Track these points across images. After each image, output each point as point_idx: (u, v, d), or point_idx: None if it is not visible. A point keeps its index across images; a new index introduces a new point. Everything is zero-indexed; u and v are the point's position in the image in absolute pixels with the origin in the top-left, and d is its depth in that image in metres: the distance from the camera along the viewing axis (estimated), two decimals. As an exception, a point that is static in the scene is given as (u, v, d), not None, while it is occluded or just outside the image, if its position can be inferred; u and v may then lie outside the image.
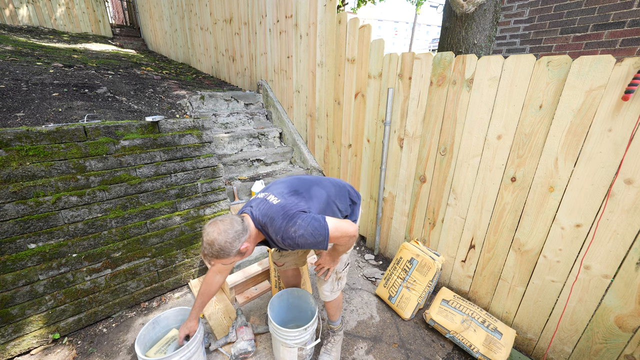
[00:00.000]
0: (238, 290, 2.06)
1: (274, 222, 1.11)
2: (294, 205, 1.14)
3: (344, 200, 1.41)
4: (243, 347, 1.60)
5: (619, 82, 1.23)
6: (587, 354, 1.51)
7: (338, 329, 1.68)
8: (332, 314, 1.62)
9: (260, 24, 3.23)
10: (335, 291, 1.51)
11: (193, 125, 2.08)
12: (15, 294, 1.55)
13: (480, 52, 2.25)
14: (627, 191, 1.27)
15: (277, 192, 1.23)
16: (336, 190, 1.40)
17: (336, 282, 1.50)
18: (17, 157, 1.49)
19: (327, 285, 1.49)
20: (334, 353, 1.64)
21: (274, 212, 1.13)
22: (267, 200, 1.19)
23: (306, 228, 1.07)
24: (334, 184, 1.43)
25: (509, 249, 1.72)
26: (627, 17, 2.51)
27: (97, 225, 1.77)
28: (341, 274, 1.50)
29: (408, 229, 2.31)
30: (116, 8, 8.73)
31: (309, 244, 1.09)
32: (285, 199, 1.17)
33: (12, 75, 2.61)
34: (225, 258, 1.09)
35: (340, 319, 1.68)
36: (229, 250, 1.07)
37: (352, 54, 2.32)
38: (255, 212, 1.18)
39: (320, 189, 1.32)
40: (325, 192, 1.33)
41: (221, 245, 1.06)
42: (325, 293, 1.51)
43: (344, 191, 1.43)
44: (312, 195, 1.25)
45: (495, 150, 1.68)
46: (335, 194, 1.37)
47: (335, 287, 1.50)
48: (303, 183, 1.33)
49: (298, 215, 1.09)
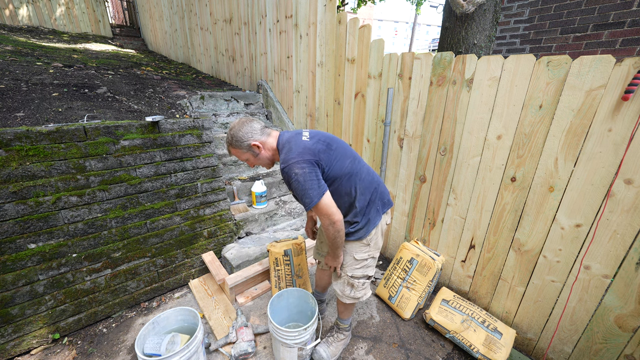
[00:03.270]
0: (238, 290, 2.06)
1: (289, 152, 1.18)
2: (315, 154, 1.17)
3: (366, 193, 1.31)
4: (243, 349, 1.60)
5: (618, 82, 1.23)
6: (587, 354, 1.51)
7: (344, 329, 1.67)
8: (341, 311, 1.62)
9: (260, 24, 3.23)
10: (347, 295, 1.47)
11: (193, 125, 2.08)
12: (15, 294, 1.55)
13: (480, 52, 2.25)
14: (627, 191, 1.27)
15: (313, 134, 1.26)
16: (365, 177, 1.32)
17: (348, 286, 1.46)
18: (17, 157, 1.49)
19: (337, 285, 1.50)
20: (333, 348, 1.63)
21: (295, 144, 1.19)
22: (301, 134, 1.25)
23: (305, 180, 1.12)
24: (368, 172, 1.35)
25: (509, 249, 1.72)
26: (627, 17, 2.51)
27: (97, 225, 1.77)
28: (355, 282, 1.44)
29: (408, 229, 2.31)
30: (116, 8, 8.72)
31: (295, 192, 1.17)
32: (314, 143, 1.20)
33: (12, 75, 2.61)
34: (237, 148, 1.27)
35: (350, 321, 1.67)
36: (240, 140, 1.25)
37: (352, 54, 2.32)
38: (284, 136, 1.28)
39: (350, 163, 1.28)
40: (351, 168, 1.28)
41: (234, 134, 1.25)
42: (337, 292, 1.51)
43: (373, 185, 1.34)
44: (338, 158, 1.25)
45: (495, 150, 1.68)
46: (363, 181, 1.30)
47: (346, 290, 1.47)
48: (341, 146, 1.30)
49: (309, 165, 1.14)
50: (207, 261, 2.19)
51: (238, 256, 2.20)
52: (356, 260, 1.41)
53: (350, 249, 1.41)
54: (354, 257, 1.41)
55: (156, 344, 1.46)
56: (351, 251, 1.41)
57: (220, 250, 2.34)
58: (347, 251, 1.41)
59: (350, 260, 1.42)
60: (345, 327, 1.67)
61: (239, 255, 2.21)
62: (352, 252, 1.41)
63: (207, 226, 2.25)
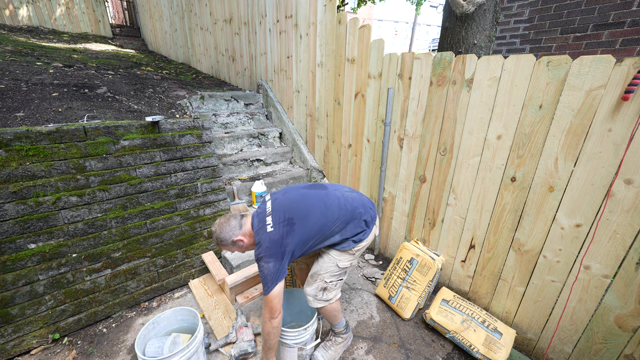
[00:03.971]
0: (238, 290, 2.06)
1: (259, 247, 1.33)
2: (279, 245, 1.29)
3: (351, 227, 1.41)
4: (243, 348, 1.60)
5: (618, 82, 1.23)
6: (587, 354, 1.51)
7: (340, 332, 1.64)
8: (327, 317, 1.57)
9: (260, 24, 3.23)
10: (319, 299, 1.47)
11: (193, 125, 2.08)
12: (15, 294, 1.55)
13: (480, 52, 2.25)
14: (627, 191, 1.27)
15: (276, 215, 1.35)
16: (342, 215, 1.39)
17: (320, 291, 1.46)
18: (17, 157, 1.49)
19: (310, 289, 1.47)
20: (331, 352, 1.62)
21: (262, 239, 1.32)
22: (265, 222, 1.35)
23: (267, 274, 1.27)
24: (343, 208, 1.40)
25: (509, 249, 1.72)
26: (627, 17, 2.51)
27: (97, 225, 1.77)
28: (327, 285, 1.46)
29: (408, 228, 2.31)
30: (116, 8, 8.72)
31: (261, 279, 1.31)
32: (277, 230, 1.31)
33: (12, 75, 2.61)
34: (224, 245, 1.41)
35: (344, 323, 1.64)
36: (225, 240, 1.39)
37: (352, 54, 2.32)
38: (254, 222, 1.41)
39: (319, 218, 1.36)
40: (322, 221, 1.36)
41: (218, 236, 1.40)
42: (309, 297, 1.48)
43: (355, 215, 1.41)
44: (304, 227, 1.33)
45: (495, 150, 1.68)
46: (338, 220, 1.38)
47: (319, 294, 1.46)
48: (304, 207, 1.38)
49: (273, 259, 1.28)
50: (207, 261, 2.19)
51: (238, 256, 2.20)
52: (339, 268, 1.46)
53: (336, 257, 1.44)
54: (337, 265, 1.44)
55: (158, 347, 1.46)
56: (335, 259, 1.44)
57: (220, 250, 2.34)
58: (331, 259, 1.44)
59: (332, 268, 1.44)
60: (340, 331, 1.64)
61: (239, 255, 2.21)
62: (336, 260, 1.44)
63: (207, 226, 2.25)
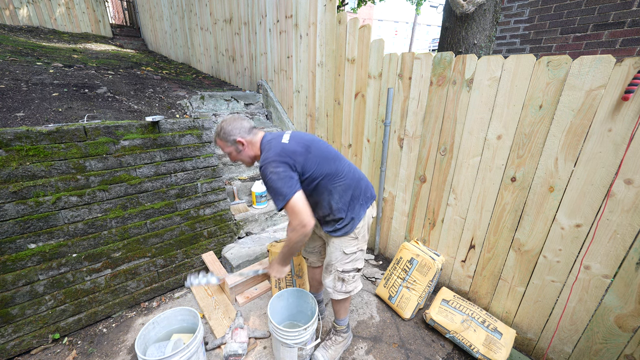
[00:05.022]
0: (238, 290, 2.06)
1: (267, 152, 1.26)
2: (291, 156, 1.23)
3: (348, 190, 1.34)
4: (233, 349, 1.59)
5: (619, 82, 1.23)
6: (587, 354, 1.51)
7: (342, 330, 1.66)
8: (336, 311, 1.61)
9: (260, 24, 3.23)
10: (339, 291, 1.48)
11: (193, 125, 2.08)
12: (15, 294, 1.55)
13: (480, 52, 2.25)
14: (627, 191, 1.27)
15: (294, 136, 1.33)
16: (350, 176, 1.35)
17: (339, 281, 1.47)
18: (17, 157, 1.49)
19: (328, 281, 1.50)
20: (331, 351, 1.62)
21: (274, 146, 1.26)
22: (281, 136, 1.33)
23: (278, 179, 1.18)
24: (349, 169, 1.37)
25: (509, 249, 1.72)
26: (627, 17, 2.51)
27: (97, 225, 1.77)
28: (345, 276, 1.46)
29: (408, 229, 2.31)
30: (116, 8, 8.72)
31: (269, 191, 1.23)
32: (292, 145, 1.27)
33: (12, 75, 2.61)
34: (222, 140, 1.36)
35: (347, 321, 1.66)
36: (227, 134, 1.33)
37: (352, 54, 2.32)
38: (266, 137, 1.36)
39: (331, 163, 1.31)
40: (334, 167, 1.32)
41: (224, 127, 1.34)
42: (328, 289, 1.51)
43: (354, 182, 1.37)
44: (318, 160, 1.29)
45: (495, 150, 1.68)
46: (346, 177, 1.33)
47: (337, 286, 1.48)
48: (321, 147, 1.34)
49: (284, 165, 1.21)
50: (207, 261, 2.19)
51: (238, 256, 2.20)
52: (346, 255, 1.44)
53: (340, 245, 1.42)
54: (343, 252, 1.43)
55: (159, 349, 1.46)
56: (340, 246, 1.43)
57: (220, 250, 2.34)
58: (336, 247, 1.43)
59: (340, 256, 1.44)
60: (342, 329, 1.66)
61: (239, 255, 2.21)
62: (341, 247, 1.42)
63: (207, 226, 2.25)
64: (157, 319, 1.53)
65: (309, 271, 1.83)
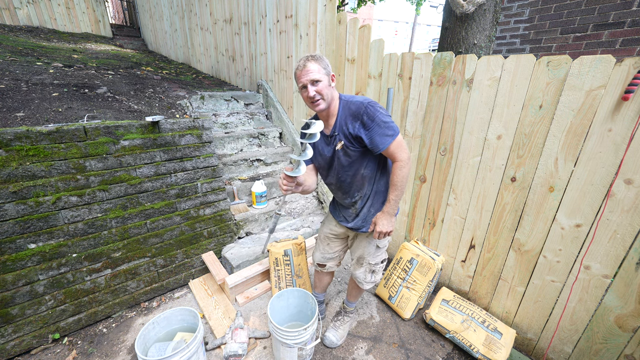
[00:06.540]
0: (238, 290, 2.06)
1: (358, 100, 1.22)
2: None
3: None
4: (233, 349, 1.59)
5: (619, 82, 1.23)
6: (587, 354, 1.51)
7: (350, 311, 1.81)
8: (353, 295, 1.73)
9: (260, 24, 3.23)
10: (368, 282, 1.57)
11: (193, 125, 2.08)
12: (15, 294, 1.55)
13: (480, 52, 2.25)
14: (627, 191, 1.27)
15: None
16: None
17: (369, 274, 1.56)
18: (17, 157, 1.49)
19: (359, 273, 1.56)
20: (341, 331, 1.75)
21: (362, 98, 1.24)
22: None
23: (387, 115, 1.19)
24: None
25: (509, 249, 1.72)
26: (627, 17, 2.51)
27: (97, 225, 1.77)
28: (376, 268, 1.55)
29: (408, 228, 2.31)
30: (116, 8, 8.72)
31: (376, 125, 1.17)
32: None
33: (12, 75, 2.61)
34: (320, 65, 1.19)
35: (355, 304, 1.81)
36: (327, 64, 1.22)
37: (352, 54, 2.32)
38: (343, 95, 1.31)
39: None
40: None
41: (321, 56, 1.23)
42: (359, 280, 1.58)
43: None
44: None
45: (495, 150, 1.68)
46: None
47: (368, 277, 1.56)
48: None
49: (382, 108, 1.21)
50: (207, 261, 2.19)
51: (238, 256, 2.20)
52: (379, 248, 1.51)
53: (374, 239, 1.47)
54: (377, 246, 1.50)
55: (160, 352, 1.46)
56: (375, 240, 1.48)
57: (220, 250, 2.34)
58: (371, 241, 1.49)
59: (373, 250, 1.51)
60: (351, 310, 1.81)
61: (239, 255, 2.21)
62: (376, 241, 1.48)
63: (207, 226, 2.25)
64: (157, 319, 1.53)
65: (318, 275, 1.84)
